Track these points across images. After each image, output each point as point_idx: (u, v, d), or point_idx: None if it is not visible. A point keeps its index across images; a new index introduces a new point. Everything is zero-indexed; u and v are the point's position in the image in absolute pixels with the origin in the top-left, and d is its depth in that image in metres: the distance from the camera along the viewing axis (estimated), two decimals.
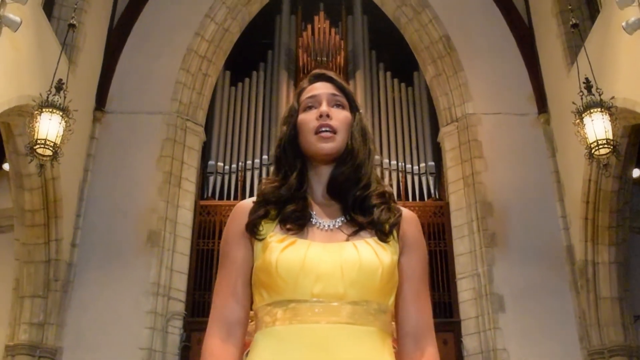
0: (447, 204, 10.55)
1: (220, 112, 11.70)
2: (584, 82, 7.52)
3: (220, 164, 11.14)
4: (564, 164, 9.91)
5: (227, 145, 11.42)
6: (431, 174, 11.09)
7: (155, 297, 9.41)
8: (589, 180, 8.90)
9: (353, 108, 1.87)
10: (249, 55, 12.40)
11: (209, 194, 10.94)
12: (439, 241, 10.44)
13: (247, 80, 12.18)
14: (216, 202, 10.75)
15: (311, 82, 1.92)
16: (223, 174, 11.08)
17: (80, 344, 9.04)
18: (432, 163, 11.16)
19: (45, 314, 9.05)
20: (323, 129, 1.77)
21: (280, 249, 1.65)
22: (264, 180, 1.85)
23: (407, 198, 10.83)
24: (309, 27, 12.46)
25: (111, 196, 9.94)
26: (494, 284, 9.50)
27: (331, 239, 1.71)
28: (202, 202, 10.72)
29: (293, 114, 1.87)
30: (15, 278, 9.27)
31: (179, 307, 9.69)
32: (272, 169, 1.88)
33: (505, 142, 10.40)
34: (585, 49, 8.18)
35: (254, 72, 12.28)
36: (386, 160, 11.18)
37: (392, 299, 1.69)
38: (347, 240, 1.70)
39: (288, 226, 1.71)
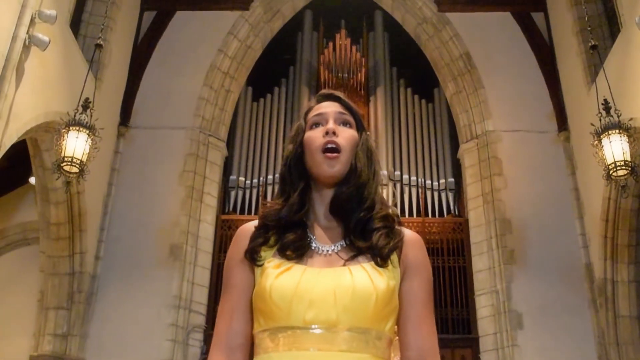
0: (467, 220, 10.59)
1: (242, 127, 11.88)
2: (602, 104, 7.57)
3: (242, 178, 11.29)
4: (584, 182, 9.90)
5: (248, 160, 11.58)
6: (451, 190, 11.16)
7: (177, 309, 9.55)
8: (609, 199, 8.89)
9: (360, 128, 1.87)
10: (271, 71, 12.57)
11: (230, 208, 11.08)
12: (458, 257, 10.50)
13: (268, 96, 12.36)
14: (237, 216, 10.88)
15: (319, 101, 1.91)
16: (244, 189, 11.23)
17: (102, 356, 9.18)
18: (452, 179, 11.23)
19: (69, 326, 9.22)
20: (329, 146, 1.76)
21: (275, 275, 1.64)
22: (266, 204, 1.85)
23: (426, 214, 10.92)
24: (331, 44, 12.58)
25: (134, 210, 10.11)
26: (512, 301, 9.52)
27: (329, 264, 1.69)
28: (224, 217, 10.87)
29: (300, 132, 1.87)
30: (40, 290, 9.49)
31: (200, 319, 9.81)
32: (276, 189, 1.88)
33: (525, 160, 10.43)
34: (604, 70, 8.22)
35: (276, 88, 12.45)
36: (406, 176, 11.26)
37: (389, 325, 1.65)
38: (344, 264, 1.67)
39: (287, 253, 1.70)
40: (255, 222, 1.81)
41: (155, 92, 10.97)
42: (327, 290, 1.59)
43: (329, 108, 1.86)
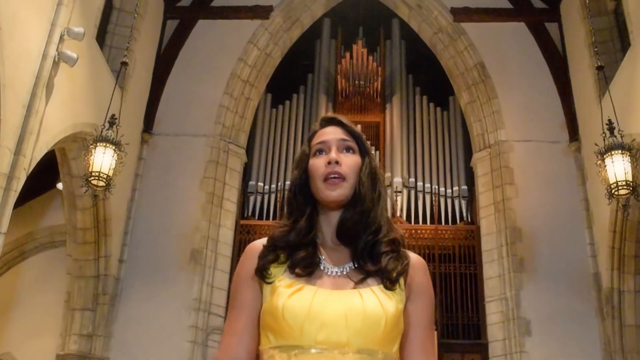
0: (478, 228, 10.84)
1: (261, 133, 12.21)
2: (606, 124, 7.80)
3: (261, 184, 11.61)
4: (593, 192, 10.04)
5: (267, 165, 11.90)
6: (464, 197, 11.39)
7: (197, 312, 9.92)
8: (616, 210, 9.05)
9: (363, 152, 1.89)
10: (290, 77, 12.85)
11: (249, 214, 11.41)
12: (470, 264, 10.76)
13: (287, 102, 12.66)
14: (256, 221, 11.23)
15: (322, 126, 1.94)
16: (263, 194, 11.55)
17: (125, 355, 9.57)
18: (465, 187, 11.45)
19: (94, 326, 9.63)
20: (332, 176, 1.79)
21: (288, 294, 1.67)
22: (275, 225, 1.89)
23: (439, 221, 11.18)
24: (348, 54, 12.87)
25: (157, 215, 10.48)
26: (521, 308, 9.77)
27: (339, 285, 1.73)
28: (243, 222, 11.19)
29: (304, 158, 1.90)
30: (66, 291, 9.90)
31: (219, 322, 10.14)
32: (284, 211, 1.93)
33: (536, 169, 10.64)
34: (609, 91, 8.43)
35: (294, 95, 12.75)
36: (420, 183, 11.52)
37: (396, 347, 1.69)
38: (354, 287, 1.71)
39: (297, 271, 1.73)
40: (264, 241, 1.85)
41: (177, 100, 11.33)
42: (338, 313, 1.63)
43: (332, 135, 1.89)
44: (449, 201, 11.42)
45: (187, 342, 9.72)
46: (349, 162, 1.83)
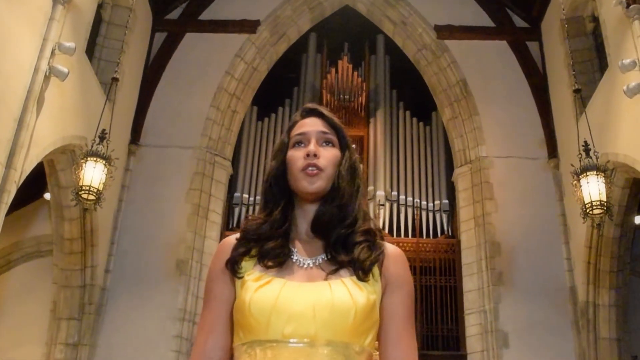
0: (459, 241, 11.07)
1: (246, 146, 12.38)
2: (582, 145, 8.06)
3: (246, 195, 11.77)
4: (571, 208, 10.27)
5: (252, 177, 12.07)
6: (445, 211, 11.62)
7: (182, 322, 10.05)
8: (592, 227, 9.33)
9: (343, 145, 1.87)
10: (276, 91, 13.05)
11: (234, 225, 11.54)
12: (450, 277, 11.00)
13: (273, 115, 12.86)
14: None
15: (303, 116, 1.91)
16: (248, 205, 11.70)
17: None
18: (447, 201, 11.69)
19: (79, 335, 9.72)
20: (310, 169, 1.77)
21: (255, 288, 1.65)
22: (248, 217, 1.85)
23: (421, 234, 11.40)
24: (333, 70, 13.09)
25: (143, 226, 10.61)
26: (499, 320, 9.99)
27: (310, 277, 1.70)
28: (228, 233, 11.19)
29: (283, 148, 1.87)
30: (52, 301, 10.00)
31: None
32: (259, 204, 1.91)
33: (516, 185, 10.89)
34: (586, 114, 8.69)
35: (280, 108, 12.95)
36: (402, 197, 11.74)
37: (369, 339, 1.65)
38: (326, 279, 1.68)
39: (267, 263, 1.71)
40: (238, 235, 1.82)
41: (164, 112, 11.47)
42: (306, 305, 1.60)
43: (312, 127, 1.86)
44: (431, 215, 11.64)
45: (172, 351, 9.83)
46: (328, 155, 1.82)
